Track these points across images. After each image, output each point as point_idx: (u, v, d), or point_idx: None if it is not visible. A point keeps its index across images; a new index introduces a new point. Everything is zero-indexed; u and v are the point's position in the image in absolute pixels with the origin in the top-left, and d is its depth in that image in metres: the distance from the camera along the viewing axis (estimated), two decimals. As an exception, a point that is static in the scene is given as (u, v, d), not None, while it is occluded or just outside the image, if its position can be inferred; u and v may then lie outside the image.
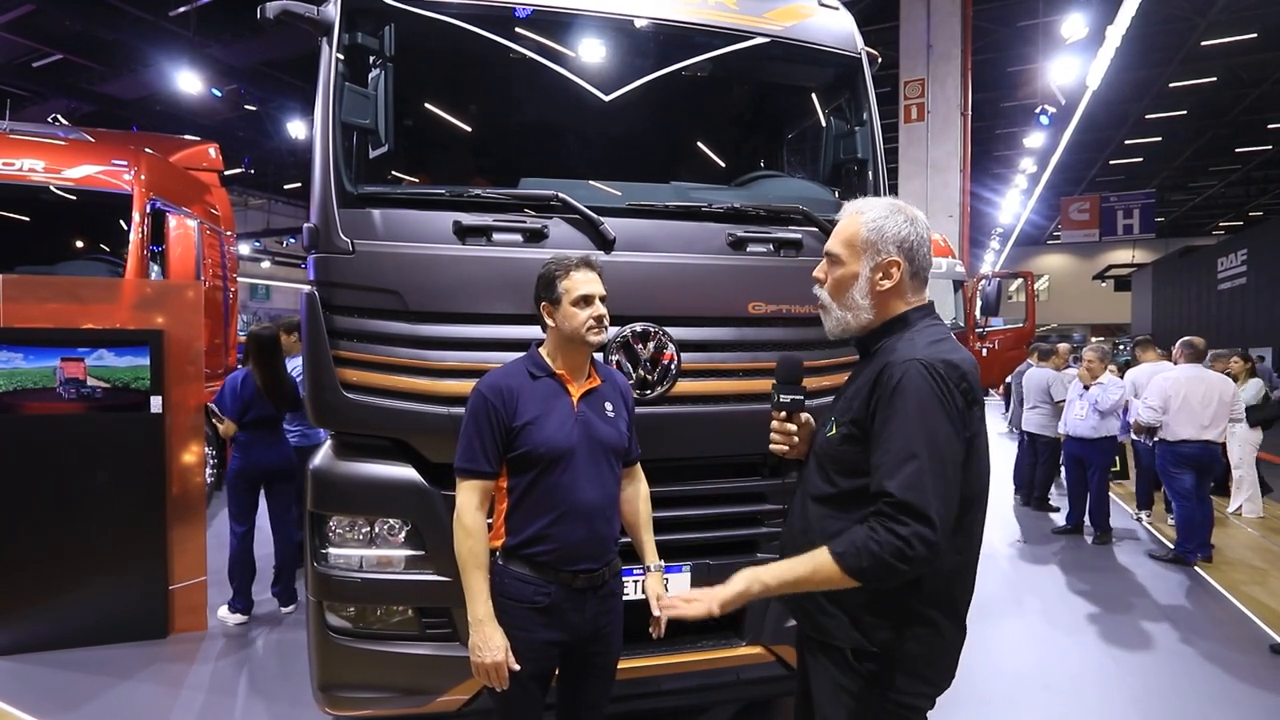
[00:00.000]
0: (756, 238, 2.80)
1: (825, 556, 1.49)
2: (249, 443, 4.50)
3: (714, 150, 3.74)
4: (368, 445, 2.62)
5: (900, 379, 1.50)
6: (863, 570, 1.46)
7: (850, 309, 1.66)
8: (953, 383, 1.51)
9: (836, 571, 1.47)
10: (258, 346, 4.50)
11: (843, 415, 1.63)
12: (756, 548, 2.83)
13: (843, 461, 1.60)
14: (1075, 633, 4.66)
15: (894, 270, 1.63)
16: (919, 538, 1.41)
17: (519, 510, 2.05)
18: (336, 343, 2.53)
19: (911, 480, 1.43)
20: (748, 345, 2.77)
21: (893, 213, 1.65)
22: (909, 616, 1.56)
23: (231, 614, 4.53)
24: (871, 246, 1.63)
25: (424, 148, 3.45)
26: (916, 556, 1.42)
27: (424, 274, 2.51)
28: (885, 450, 1.48)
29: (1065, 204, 27.03)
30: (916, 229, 1.65)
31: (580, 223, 2.62)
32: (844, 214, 1.71)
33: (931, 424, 1.47)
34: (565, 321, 2.06)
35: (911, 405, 1.47)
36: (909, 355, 1.53)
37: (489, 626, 1.98)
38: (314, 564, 2.58)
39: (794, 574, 1.53)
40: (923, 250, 1.65)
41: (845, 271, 1.66)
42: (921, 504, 1.42)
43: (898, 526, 1.42)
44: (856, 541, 1.46)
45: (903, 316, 1.66)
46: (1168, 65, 17.53)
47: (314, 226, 2.53)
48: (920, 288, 1.69)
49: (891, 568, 1.43)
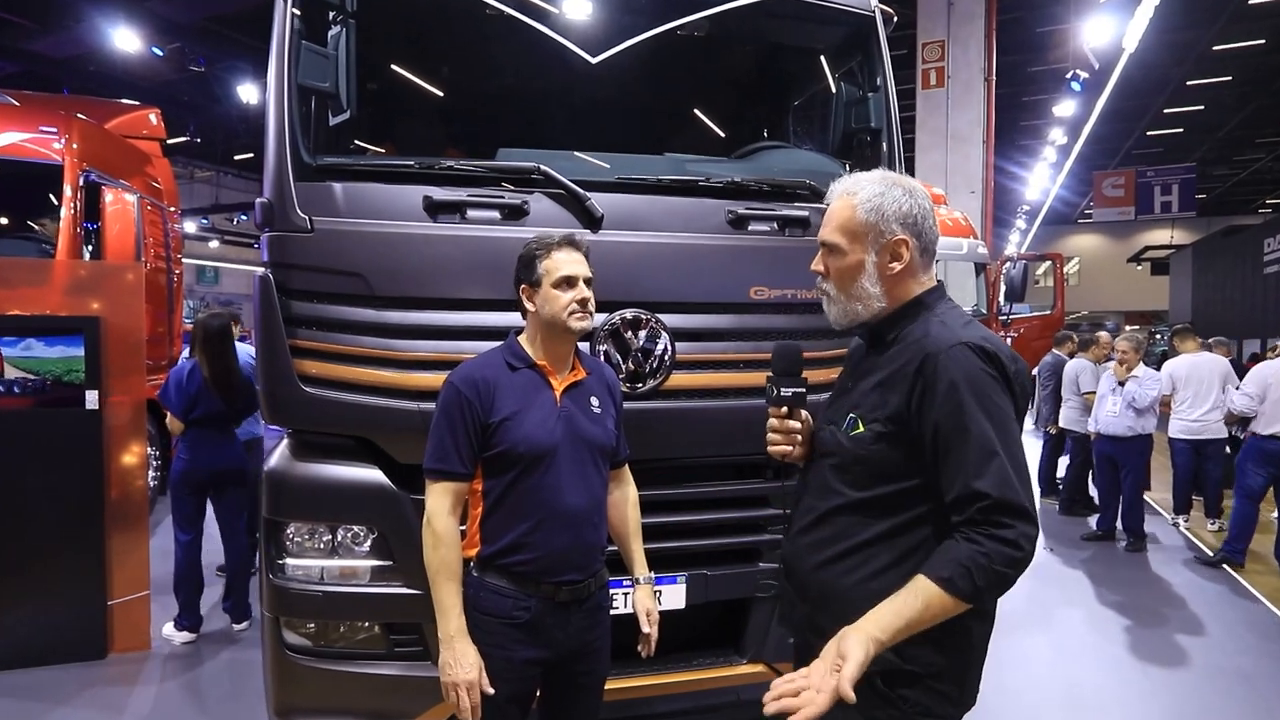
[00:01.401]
0: (759, 215, 2.80)
1: (930, 587, 1.42)
2: (195, 442, 4.48)
3: (712, 119, 3.73)
4: (329, 445, 2.61)
5: (951, 369, 1.49)
6: (979, 590, 1.41)
7: (860, 299, 1.65)
8: (1001, 365, 1.51)
9: (950, 601, 1.41)
10: (205, 335, 4.47)
11: (872, 411, 1.60)
12: (759, 556, 2.85)
13: (875, 463, 1.58)
14: (1105, 647, 4.72)
15: (903, 250, 1.62)
16: (1025, 537, 1.41)
17: (495, 515, 2.05)
18: (294, 331, 2.51)
19: (1002, 476, 1.42)
20: (749, 334, 2.78)
21: (887, 187, 1.63)
22: (949, 627, 1.52)
23: (177, 632, 4.51)
24: (873, 229, 1.62)
25: (391, 114, 3.43)
26: (1026, 557, 1.42)
27: (391, 255, 2.50)
28: (961, 449, 1.46)
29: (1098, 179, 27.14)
30: (917, 200, 1.63)
31: (564, 198, 2.62)
32: (831, 198, 1.69)
33: (997, 411, 1.47)
34: (545, 305, 2.06)
35: (972, 395, 1.47)
36: (950, 340, 1.52)
37: (461, 643, 1.98)
38: (269, 576, 2.58)
39: (903, 618, 1.41)
40: (928, 223, 1.65)
41: (848, 261, 1.65)
42: (1018, 500, 1.42)
43: (1002, 531, 1.41)
44: (963, 560, 1.41)
45: (920, 300, 1.65)
46: (1212, 26, 17.58)
47: (268, 202, 2.51)
48: (929, 265, 1.68)
49: (1006, 578, 1.42)
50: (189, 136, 21.49)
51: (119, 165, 7.02)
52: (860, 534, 1.59)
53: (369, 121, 3.16)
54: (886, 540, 1.58)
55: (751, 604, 2.86)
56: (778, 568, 2.02)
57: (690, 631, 2.90)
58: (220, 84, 18.05)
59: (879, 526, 1.57)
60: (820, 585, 1.65)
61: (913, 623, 1.42)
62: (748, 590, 2.83)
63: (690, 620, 2.79)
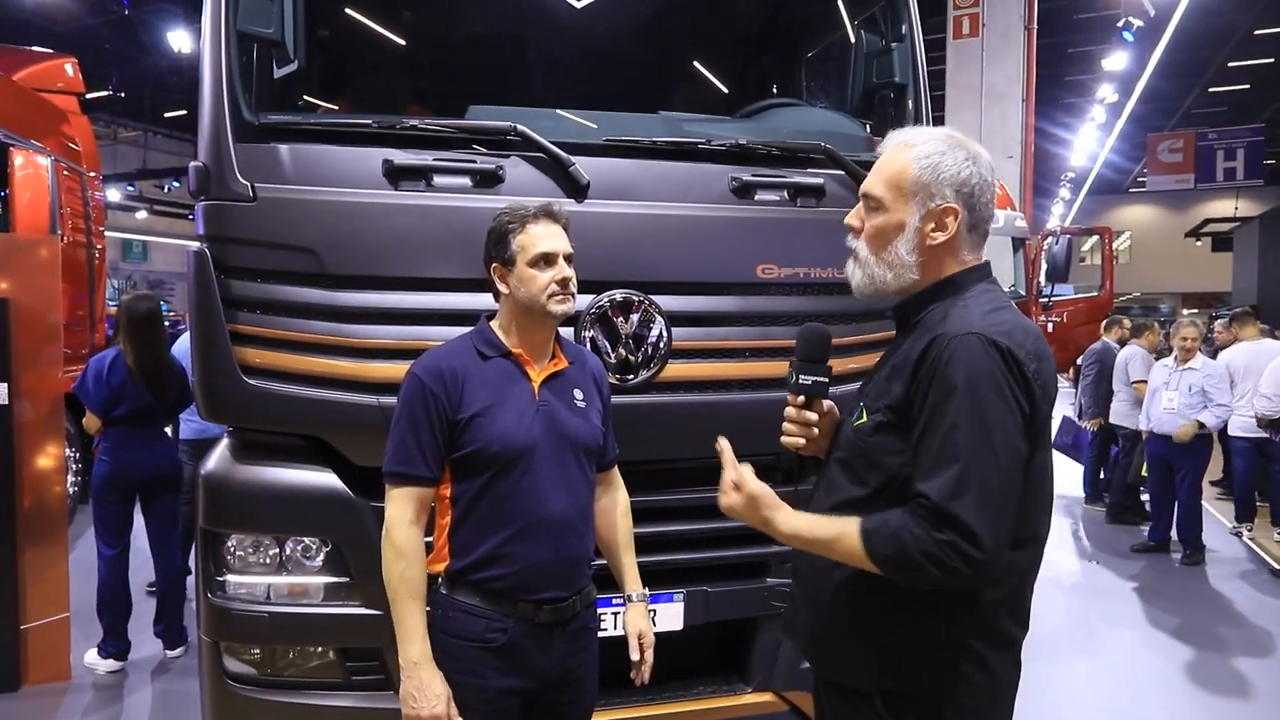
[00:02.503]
0: (767, 182, 2.80)
1: (852, 528, 1.54)
2: (120, 442, 4.46)
3: (714, 72, 3.73)
4: (275, 445, 2.61)
5: (951, 356, 1.50)
6: (885, 559, 1.50)
7: (892, 266, 1.66)
8: (1018, 365, 1.51)
9: (858, 547, 1.52)
10: (131, 320, 4.44)
11: (876, 400, 1.63)
12: (767, 570, 2.86)
13: (875, 455, 1.61)
14: (1156, 673, 4.77)
15: (950, 220, 1.62)
16: (957, 551, 1.44)
17: (466, 525, 2.05)
18: (234, 315, 2.51)
19: (954, 486, 1.44)
20: (756, 318, 2.79)
21: (951, 147, 1.64)
22: (955, 652, 1.58)
23: (101, 659, 4.50)
24: (924, 189, 1.62)
25: (345, 65, 3.41)
26: (953, 569, 1.44)
27: (345, 227, 2.49)
28: (927, 445, 1.50)
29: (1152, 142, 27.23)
30: (979, 169, 1.64)
31: (545, 163, 2.61)
32: (888, 145, 1.70)
33: (987, 413, 1.47)
34: (521, 287, 2.06)
35: (963, 388, 1.48)
36: (964, 327, 1.53)
37: (426, 671, 1.98)
38: (208, 595, 2.58)
39: (811, 531, 1.61)
40: (985, 197, 1.65)
41: (888, 219, 1.65)
42: (964, 516, 1.43)
43: (934, 531, 1.45)
44: (891, 524, 1.50)
45: (952, 280, 1.66)
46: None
47: (203, 166, 2.50)
48: (978, 244, 1.69)
49: (918, 568, 1.47)
50: (111, 90, 21.30)
51: (29, 123, 6.96)
52: None
53: (320, 73, 3.14)
54: None
55: (758, 625, 2.88)
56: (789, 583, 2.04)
57: (689, 656, 2.91)
58: (147, 29, 17.89)
59: None
60: (819, 590, 1.69)
61: (817, 541, 1.60)
62: (754, 609, 2.85)
63: (689, 643, 2.81)
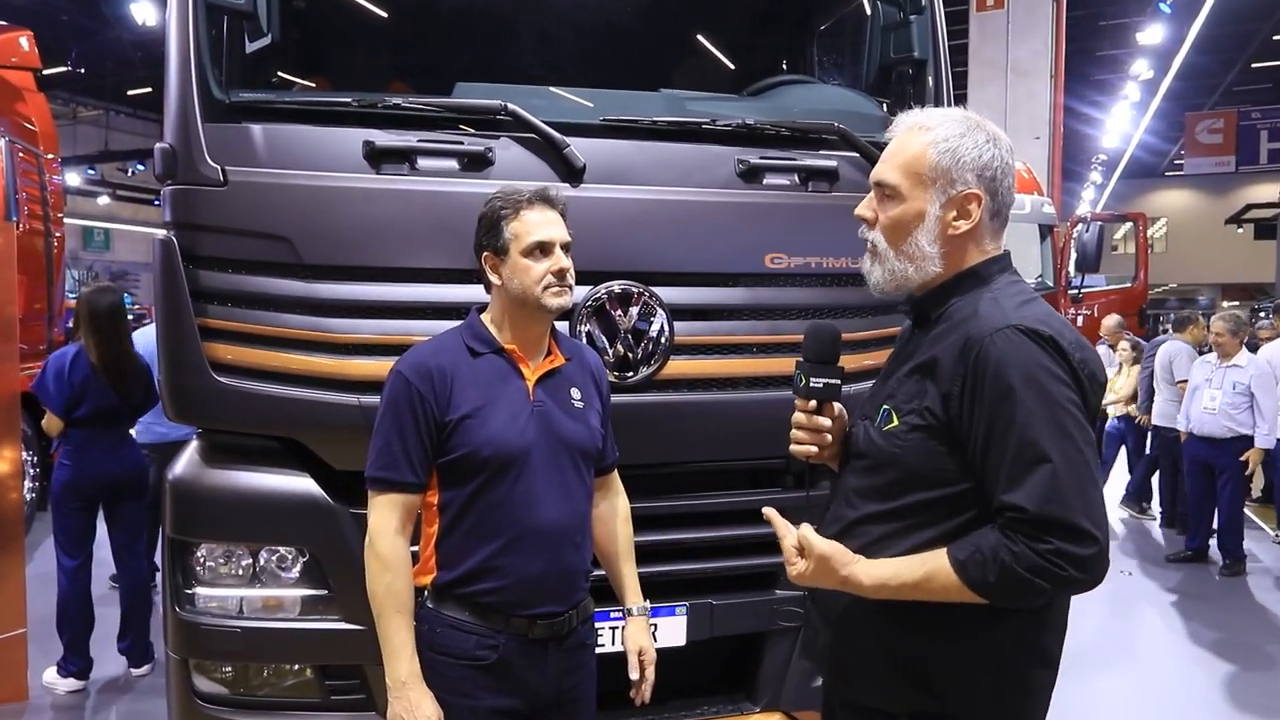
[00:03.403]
0: (777, 165, 2.80)
1: (942, 562, 1.51)
2: (82, 445, 4.46)
3: (719, 47, 3.73)
4: (248, 447, 2.61)
5: (996, 355, 1.50)
6: (990, 585, 1.47)
7: (913, 259, 1.66)
8: (1063, 354, 1.52)
9: (954, 581, 1.49)
10: (93, 314, 4.44)
11: (908, 402, 1.63)
12: (775, 582, 2.86)
13: (910, 464, 1.60)
14: (1194, 690, 4.77)
15: (973, 207, 1.63)
16: (1065, 557, 1.43)
17: (455, 534, 2.05)
18: (203, 308, 2.51)
19: (1047, 488, 1.44)
20: (764, 311, 2.79)
21: (969, 129, 1.65)
22: (994, 669, 1.58)
23: (61, 678, 4.51)
24: (943, 175, 1.63)
25: (323, 39, 3.40)
26: (1065, 579, 1.44)
27: (323, 213, 2.49)
28: (998, 453, 1.49)
29: (1190, 122, 27.20)
30: (999, 152, 1.65)
31: (538, 144, 2.61)
32: (899, 129, 1.71)
33: (1054, 407, 1.48)
34: (514, 278, 2.06)
35: (1020, 386, 1.48)
36: (999, 321, 1.54)
37: (416, 691, 1.98)
38: (176, 609, 2.58)
39: (898, 576, 1.54)
40: (1006, 181, 1.66)
41: (906, 209, 1.66)
42: (1066, 516, 1.44)
43: (1035, 543, 1.44)
44: (985, 548, 1.48)
45: (974, 271, 1.67)
46: (1332, -67, 17.58)
47: (170, 147, 2.50)
48: (999, 231, 1.70)
49: (1029, 585, 1.45)
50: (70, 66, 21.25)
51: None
52: (894, 548, 1.61)
53: (296, 48, 3.14)
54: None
55: (766, 640, 2.88)
56: (800, 595, 2.04)
57: (692, 673, 2.92)
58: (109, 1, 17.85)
59: (915, 539, 1.59)
60: (845, 609, 1.68)
61: (907, 584, 1.53)
62: (761, 623, 2.85)
63: (692, 659, 2.81)
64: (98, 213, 28.53)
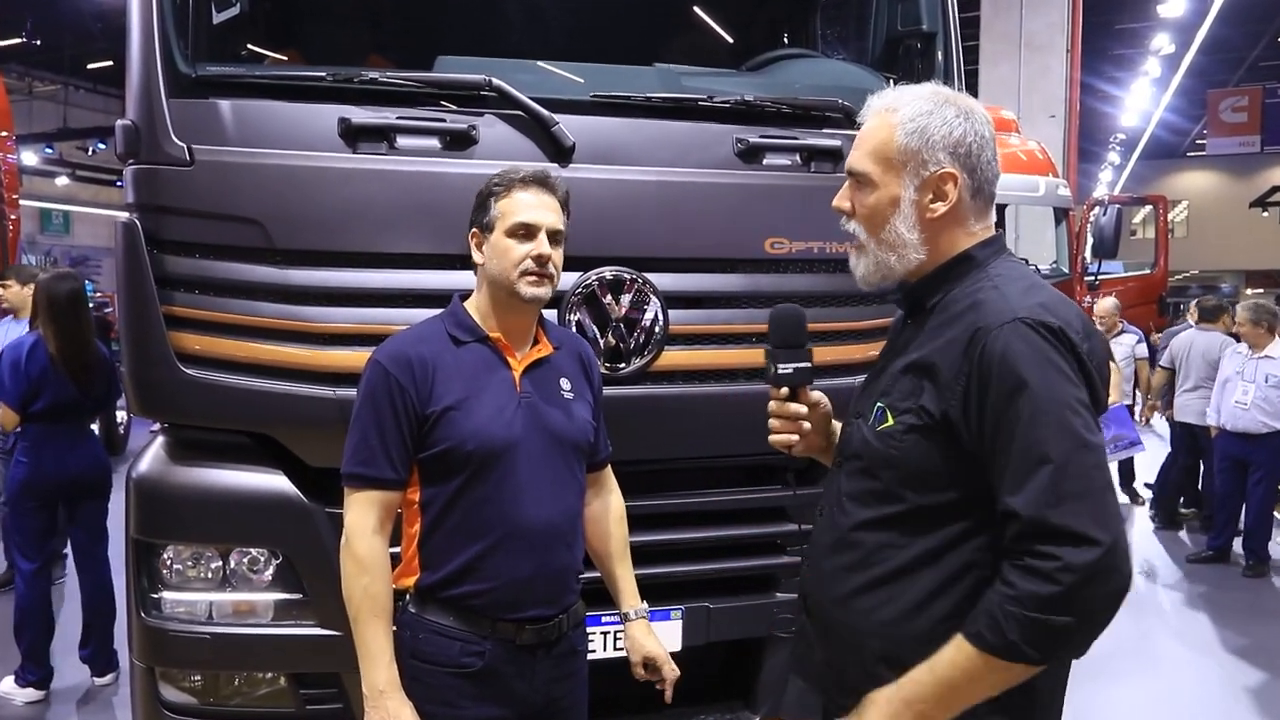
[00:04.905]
0: (777, 145, 2.80)
1: (964, 646, 1.46)
2: (41, 441, 4.45)
3: (717, 19, 3.72)
4: (217, 443, 2.60)
5: (1003, 349, 1.50)
6: (1014, 646, 1.41)
7: (894, 247, 1.66)
8: (1071, 346, 1.52)
9: (982, 660, 1.44)
10: (51, 301, 4.43)
11: (904, 399, 1.62)
12: (775, 584, 2.88)
13: (909, 466, 1.60)
14: (1219, 699, 4.80)
15: (949, 187, 1.63)
16: (1075, 570, 1.39)
17: (438, 534, 2.06)
18: (169, 295, 2.50)
19: (1045, 491, 1.42)
20: (764, 299, 2.79)
21: (937, 105, 1.64)
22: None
23: (20, 688, 4.50)
24: (913, 157, 1.63)
25: (296, 9, 3.39)
26: (1083, 597, 1.40)
27: (297, 195, 2.49)
28: (1004, 455, 1.47)
29: (1213, 100, 27.27)
30: (974, 125, 1.64)
31: (524, 122, 2.60)
32: (867, 114, 1.71)
33: (1059, 404, 1.47)
34: (494, 257, 2.06)
35: (1030, 385, 1.47)
36: (1004, 314, 1.53)
37: (393, 700, 1.98)
38: (141, 615, 2.58)
39: (944, 682, 1.48)
40: (985, 155, 1.65)
41: (879, 196, 1.66)
42: (1062, 521, 1.41)
43: (1039, 563, 1.41)
44: (991, 608, 1.44)
45: (966, 255, 1.67)
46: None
47: (132, 124, 2.49)
48: (985, 210, 1.69)
49: (1050, 628, 1.40)
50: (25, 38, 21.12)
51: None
52: (895, 558, 1.60)
53: (267, 18, 3.13)
54: (929, 564, 1.59)
55: (765, 645, 2.89)
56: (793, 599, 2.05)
57: (688, 679, 2.92)
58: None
59: (918, 547, 1.59)
60: (847, 623, 1.67)
61: (958, 687, 1.47)
62: (760, 628, 2.86)
63: (688, 665, 2.81)
64: (56, 194, 28.39)
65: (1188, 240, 34.58)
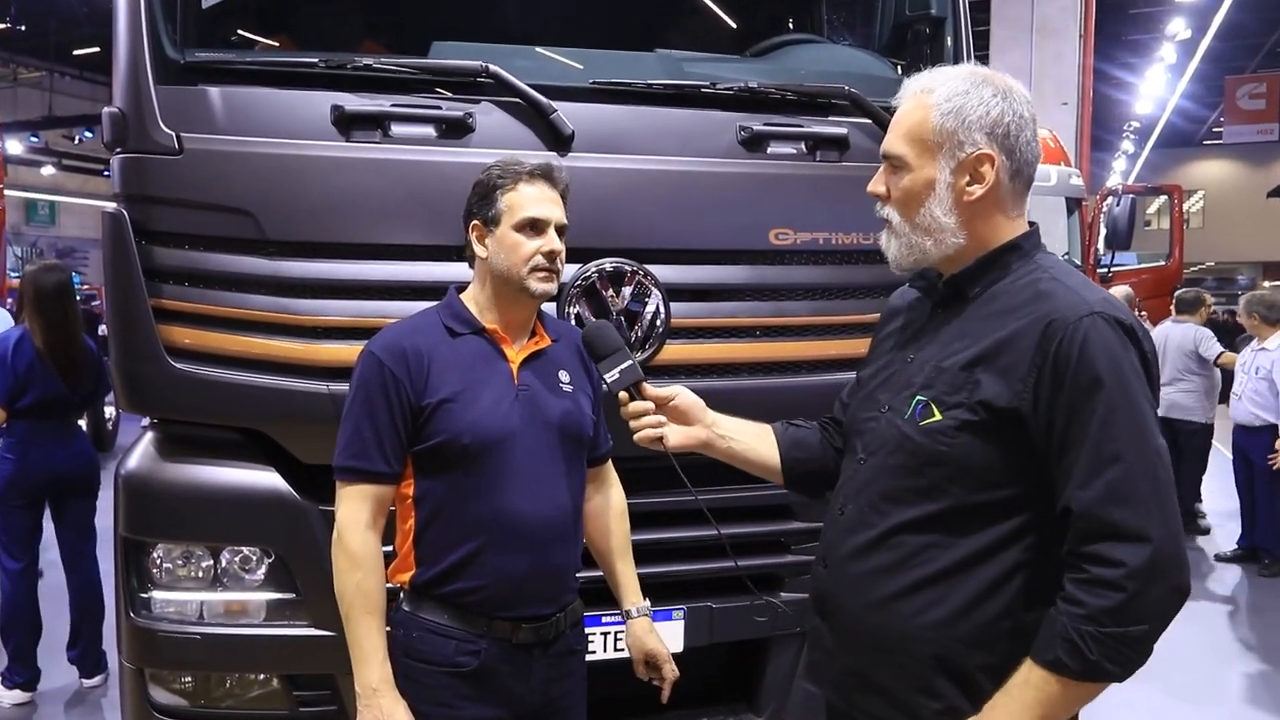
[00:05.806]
0: (782, 133, 2.80)
1: (1039, 674, 1.46)
2: (28, 438, 4.46)
3: (720, 4, 3.71)
4: (207, 439, 2.61)
5: (1083, 344, 1.49)
6: (1093, 664, 1.42)
7: (930, 231, 1.66)
8: (1141, 347, 1.53)
9: (1059, 685, 1.45)
10: (38, 294, 4.43)
11: (954, 394, 1.59)
12: (779, 584, 2.88)
13: (963, 462, 1.58)
14: (1232, 702, 4.80)
15: (986, 169, 1.62)
16: (1137, 575, 1.40)
17: (433, 530, 2.06)
18: (158, 288, 2.50)
19: (1114, 488, 1.43)
20: (769, 291, 2.79)
21: (975, 85, 1.64)
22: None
23: (6, 690, 4.52)
24: (949, 137, 1.62)
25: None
26: (1151, 599, 1.41)
27: (288, 184, 2.49)
28: (1078, 450, 1.47)
29: (1231, 86, 27.18)
30: (1012, 105, 1.63)
31: (522, 109, 2.60)
32: (903, 96, 1.71)
33: (1132, 404, 1.48)
34: (500, 253, 2.06)
35: (1111, 383, 1.47)
36: (1079, 308, 1.53)
37: (387, 699, 1.99)
38: (130, 615, 2.58)
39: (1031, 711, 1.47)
40: (1024, 135, 1.64)
41: (915, 179, 1.65)
42: (1126, 521, 1.42)
43: (1101, 570, 1.42)
44: (1063, 631, 1.43)
45: (1014, 245, 1.66)
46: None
47: (119, 112, 2.49)
48: (1022, 195, 1.69)
49: (1129, 640, 1.42)
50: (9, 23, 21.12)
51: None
52: (941, 558, 1.59)
53: (258, 3, 3.12)
54: (980, 562, 1.58)
55: (770, 646, 2.90)
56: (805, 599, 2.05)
57: (690, 681, 2.92)
58: (52, -48, 17.71)
59: (968, 546, 1.58)
60: (887, 626, 1.64)
61: (1046, 716, 1.46)
62: (765, 629, 2.86)
63: (691, 666, 2.82)
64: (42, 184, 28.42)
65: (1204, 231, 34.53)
